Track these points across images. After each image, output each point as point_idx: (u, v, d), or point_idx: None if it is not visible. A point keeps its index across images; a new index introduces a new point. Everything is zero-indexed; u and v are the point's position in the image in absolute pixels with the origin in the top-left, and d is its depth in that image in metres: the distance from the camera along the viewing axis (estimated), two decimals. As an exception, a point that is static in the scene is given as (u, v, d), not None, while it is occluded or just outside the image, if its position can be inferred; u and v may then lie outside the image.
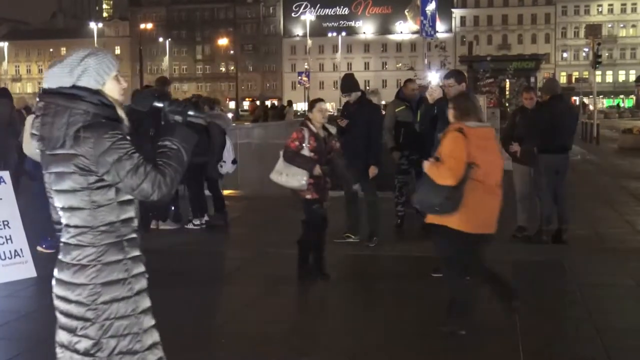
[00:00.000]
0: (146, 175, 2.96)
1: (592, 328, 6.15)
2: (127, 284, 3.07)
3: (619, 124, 48.25)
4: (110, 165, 2.93)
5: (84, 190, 3.00)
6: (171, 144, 3.09)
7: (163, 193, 3.00)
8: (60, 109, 2.98)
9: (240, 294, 7.69)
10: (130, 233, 3.12)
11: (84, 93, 3.00)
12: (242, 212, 12.45)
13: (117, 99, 3.13)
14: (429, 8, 21.52)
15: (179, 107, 3.19)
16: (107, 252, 3.04)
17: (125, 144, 2.96)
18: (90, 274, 3.03)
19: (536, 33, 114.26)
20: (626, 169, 19.68)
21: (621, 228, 10.87)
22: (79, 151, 2.94)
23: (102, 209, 3.03)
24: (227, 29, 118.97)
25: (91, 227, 3.04)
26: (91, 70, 3.04)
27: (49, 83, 3.07)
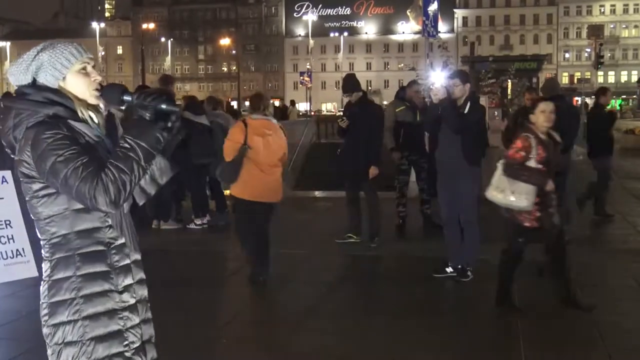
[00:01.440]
0: (82, 179, 2.53)
1: (594, 329, 6.14)
2: (74, 305, 2.68)
3: (620, 124, 48.20)
4: (46, 169, 2.58)
5: (31, 200, 2.71)
6: (124, 142, 2.64)
7: (104, 199, 2.54)
8: (6, 110, 2.71)
9: (242, 294, 7.70)
10: (91, 246, 2.72)
11: (30, 90, 2.71)
12: (244, 212, 12.43)
13: (84, 95, 2.77)
14: (431, 8, 21.49)
15: (145, 101, 2.71)
16: (56, 268, 2.71)
17: (63, 145, 2.57)
18: (44, 291, 2.74)
19: (538, 33, 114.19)
20: (628, 170, 19.65)
21: (623, 229, 10.86)
22: (22, 156, 2.65)
23: (51, 219, 2.70)
24: (229, 29, 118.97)
25: (45, 239, 2.74)
26: (46, 65, 2.73)
27: (12, 82, 2.82)
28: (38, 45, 2.79)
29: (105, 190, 2.54)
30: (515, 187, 6.43)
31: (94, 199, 2.54)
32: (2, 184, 8.16)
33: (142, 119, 2.70)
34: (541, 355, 5.57)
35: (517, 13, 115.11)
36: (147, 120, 2.69)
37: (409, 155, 10.33)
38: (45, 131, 2.59)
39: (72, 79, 2.76)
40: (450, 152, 7.56)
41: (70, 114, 2.71)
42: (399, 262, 8.95)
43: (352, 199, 9.71)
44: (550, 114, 6.68)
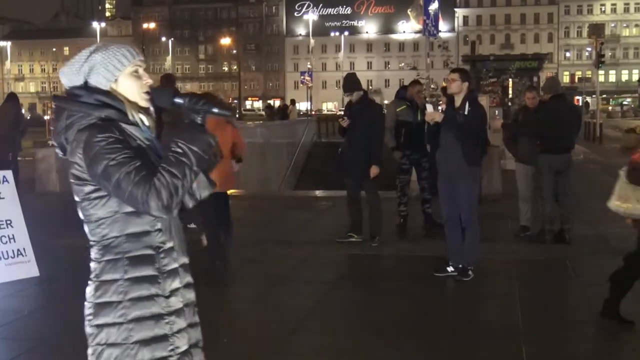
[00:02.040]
0: (135, 184, 2.51)
1: (595, 328, 6.14)
2: (120, 308, 2.66)
3: (621, 123, 48.16)
4: (98, 173, 2.56)
5: (83, 202, 2.68)
6: (176, 146, 2.61)
7: (157, 204, 2.53)
8: (59, 111, 2.69)
9: (242, 293, 7.70)
10: (139, 249, 2.69)
11: (82, 92, 2.68)
12: (245, 211, 12.45)
13: (135, 98, 2.75)
14: (432, 7, 21.50)
15: (197, 105, 2.70)
16: (104, 270, 2.69)
17: (115, 148, 2.55)
18: (90, 291, 2.74)
19: (539, 32, 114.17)
20: (629, 169, 19.63)
21: (624, 228, 10.81)
22: (73, 158, 2.63)
23: (103, 222, 2.68)
24: (230, 29, 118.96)
25: (97, 242, 2.71)
26: (99, 66, 2.70)
27: (64, 83, 2.77)
28: (91, 47, 2.78)
29: (158, 195, 2.52)
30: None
31: (146, 204, 2.53)
32: (3, 183, 8.16)
33: (194, 123, 2.70)
34: (543, 354, 5.57)
35: (518, 12, 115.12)
36: (199, 125, 2.70)
37: (410, 154, 10.34)
38: (98, 134, 2.57)
39: (124, 81, 2.74)
40: (450, 152, 7.56)
41: (122, 117, 2.69)
42: (400, 261, 8.95)
43: (353, 198, 9.71)
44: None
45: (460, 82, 7.61)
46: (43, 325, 6.48)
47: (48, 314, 6.90)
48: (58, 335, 6.15)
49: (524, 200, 10.03)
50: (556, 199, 9.48)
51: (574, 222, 9.69)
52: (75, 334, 6.13)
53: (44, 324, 6.52)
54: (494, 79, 22.63)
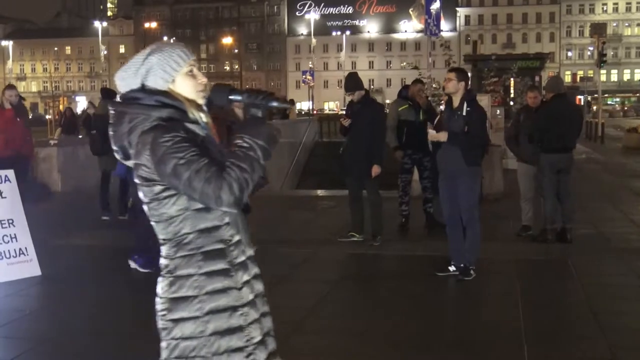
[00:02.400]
0: (206, 180, 2.58)
1: (597, 328, 6.14)
2: (197, 302, 2.72)
3: (623, 122, 48.15)
4: (168, 172, 2.61)
5: (152, 202, 2.74)
6: (242, 141, 2.69)
7: (229, 199, 2.59)
8: (120, 115, 2.74)
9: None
10: (211, 244, 2.75)
11: (142, 95, 2.74)
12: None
13: (192, 97, 2.80)
14: (434, 7, 21.49)
15: (257, 99, 2.77)
16: (179, 266, 2.74)
17: (182, 147, 2.60)
18: (164, 286, 2.77)
19: (541, 32, 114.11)
20: (631, 168, 19.65)
21: (626, 227, 10.85)
22: (140, 160, 2.68)
23: (174, 220, 2.73)
24: (232, 28, 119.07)
25: (168, 240, 2.77)
26: (156, 68, 2.76)
27: (120, 87, 2.82)
28: (145, 49, 2.83)
29: (230, 190, 2.59)
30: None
31: (219, 199, 2.59)
32: (5, 182, 8.17)
33: (256, 118, 2.76)
34: (543, 354, 5.57)
35: (520, 11, 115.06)
36: (261, 119, 2.76)
37: (411, 154, 10.33)
38: (164, 134, 2.62)
39: (180, 81, 2.80)
40: (450, 152, 7.56)
41: (183, 116, 2.74)
42: (401, 260, 8.94)
43: (354, 197, 9.71)
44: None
45: (456, 82, 7.61)
46: (44, 325, 6.48)
47: (49, 314, 6.90)
48: (59, 334, 6.16)
49: (525, 199, 10.04)
50: (558, 198, 9.47)
51: (575, 221, 9.69)
52: (77, 334, 6.15)
53: (46, 324, 6.52)
54: (496, 78, 22.63)
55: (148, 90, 2.75)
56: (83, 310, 6.91)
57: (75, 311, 6.88)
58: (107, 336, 6.10)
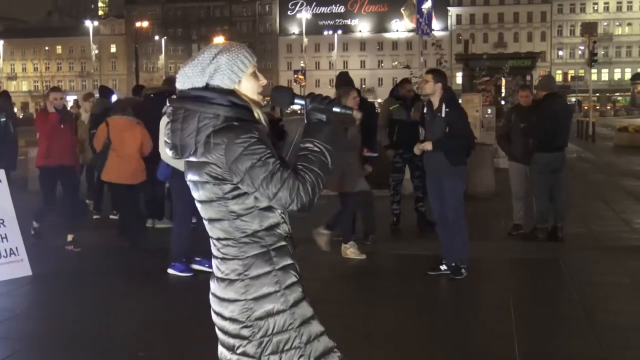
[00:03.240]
0: (283, 183, 2.62)
1: (588, 326, 6.15)
2: (280, 296, 2.75)
3: (614, 122, 48.30)
4: (243, 173, 2.63)
5: (219, 200, 2.74)
6: (313, 145, 2.73)
7: (303, 202, 2.64)
8: (188, 113, 2.72)
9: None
10: (278, 241, 2.80)
11: (213, 94, 2.73)
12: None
13: (254, 97, 2.83)
14: (425, 6, 21.50)
15: (321, 104, 2.80)
16: (253, 265, 2.75)
17: (259, 149, 2.63)
18: (239, 289, 2.76)
19: (532, 31, 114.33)
20: (622, 167, 19.71)
21: (617, 226, 10.89)
22: (210, 159, 2.68)
23: (242, 219, 2.75)
24: (223, 27, 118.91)
25: (233, 239, 2.77)
26: (224, 68, 2.77)
27: (181, 84, 2.82)
28: (212, 48, 2.84)
29: (305, 193, 2.65)
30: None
31: (292, 202, 2.64)
32: (-5, 182, 8.13)
33: (323, 122, 2.79)
34: (535, 352, 5.58)
35: (511, 11, 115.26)
36: (327, 123, 2.80)
37: (403, 153, 10.32)
38: (241, 135, 2.64)
39: (246, 82, 2.81)
40: (435, 152, 7.59)
41: (251, 117, 2.76)
42: (394, 259, 8.96)
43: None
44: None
45: (433, 83, 7.64)
46: (36, 325, 6.46)
47: (40, 314, 6.88)
48: (50, 334, 6.14)
49: (517, 198, 10.05)
50: (549, 197, 9.49)
51: (566, 220, 9.72)
52: (67, 334, 6.13)
53: (37, 324, 6.50)
54: (487, 77, 22.67)
55: (217, 90, 2.75)
56: (74, 310, 6.88)
57: (66, 311, 6.86)
58: (97, 336, 6.09)
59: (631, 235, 10.26)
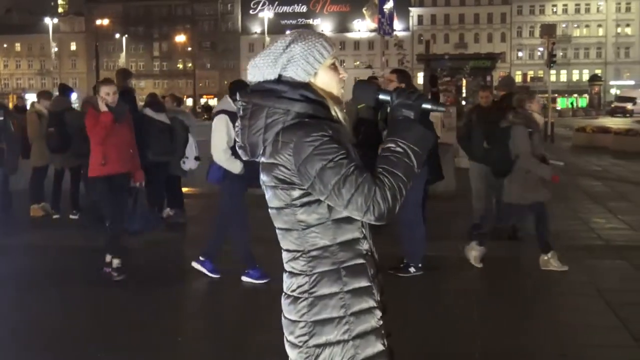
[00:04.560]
0: (357, 187, 2.30)
1: (548, 323, 6.25)
2: (343, 324, 2.42)
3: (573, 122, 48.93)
4: (313, 176, 2.33)
5: (288, 208, 2.44)
6: (396, 146, 2.42)
7: (381, 210, 2.32)
8: (256, 109, 2.45)
9: (200, 292, 7.69)
10: (354, 259, 2.46)
11: (284, 87, 2.44)
12: (201, 210, 12.41)
13: (333, 92, 2.52)
14: (387, 7, 21.60)
15: (409, 99, 2.49)
16: (319, 283, 2.44)
17: (331, 149, 2.33)
18: (301, 308, 2.46)
19: (492, 32, 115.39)
20: (580, 167, 20.00)
21: (575, 225, 11.05)
22: (278, 160, 2.39)
23: (312, 230, 2.44)
24: (185, 26, 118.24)
25: (302, 252, 2.47)
26: (298, 58, 2.46)
27: (252, 77, 2.56)
28: (285, 37, 2.54)
29: (383, 199, 2.34)
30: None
31: (370, 210, 2.33)
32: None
33: (409, 120, 2.48)
34: (495, 349, 5.65)
35: (472, 12, 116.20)
36: (414, 121, 2.48)
37: (367, 152, 10.32)
38: (311, 133, 2.35)
39: (323, 75, 2.52)
40: None
41: (326, 113, 2.46)
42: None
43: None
44: None
45: (397, 83, 7.72)
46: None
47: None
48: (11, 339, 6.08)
49: (477, 198, 10.14)
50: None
51: (526, 219, 9.83)
52: (29, 338, 6.07)
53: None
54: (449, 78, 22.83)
55: (289, 83, 2.46)
56: (35, 312, 6.82)
57: (27, 313, 6.79)
58: (59, 341, 6.04)
59: (589, 234, 10.43)
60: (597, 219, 11.47)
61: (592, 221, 11.33)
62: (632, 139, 24.61)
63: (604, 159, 22.25)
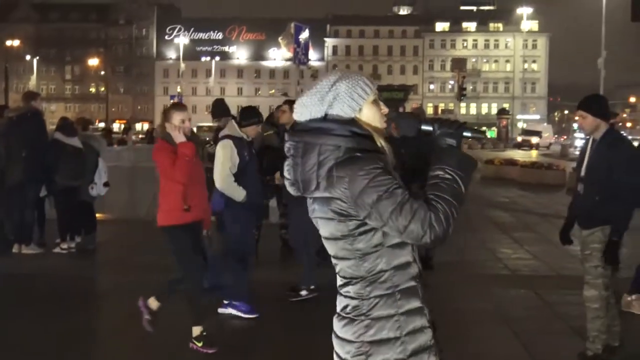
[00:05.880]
0: (413, 214, 2.46)
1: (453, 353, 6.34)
2: (399, 344, 2.58)
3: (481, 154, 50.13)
4: (370, 206, 2.49)
5: (345, 238, 2.60)
6: (444, 173, 2.58)
7: (437, 234, 2.49)
8: (308, 147, 2.60)
9: (106, 319, 7.55)
10: (407, 281, 2.64)
11: (333, 125, 2.59)
12: (112, 235, 12.19)
13: (377, 126, 2.68)
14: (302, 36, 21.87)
15: (451, 128, 2.68)
16: (376, 306, 2.59)
17: (385, 180, 2.49)
18: (358, 330, 2.60)
19: (405, 64, 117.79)
20: (488, 198, 20.46)
21: (483, 255, 11.31)
22: (334, 194, 2.54)
23: (368, 257, 2.60)
24: (98, 50, 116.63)
25: (359, 277, 2.62)
26: (344, 96, 2.62)
27: (299, 115, 2.68)
28: (329, 76, 2.69)
29: (438, 224, 2.49)
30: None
31: (426, 235, 2.48)
32: None
33: (454, 148, 2.65)
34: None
35: (385, 44, 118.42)
36: (457, 149, 2.66)
37: (270, 179, 10.31)
38: (364, 167, 2.49)
39: (367, 110, 2.66)
40: None
41: (373, 146, 2.61)
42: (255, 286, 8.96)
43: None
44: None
45: (289, 114, 7.83)
46: None
47: None
48: None
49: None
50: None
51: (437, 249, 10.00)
52: None
53: None
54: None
55: (336, 120, 2.61)
56: None
57: None
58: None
59: (496, 264, 10.68)
60: (504, 249, 11.75)
61: (499, 251, 11.61)
62: (537, 171, 25.36)
63: (511, 190, 22.85)
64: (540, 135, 70.50)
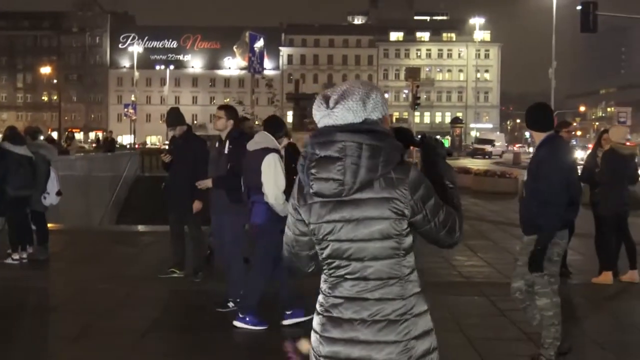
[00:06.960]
0: (454, 220, 2.81)
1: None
2: (432, 333, 2.87)
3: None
4: (424, 207, 2.73)
5: (397, 237, 2.74)
6: (450, 183, 2.92)
7: (462, 233, 2.85)
8: (373, 149, 2.68)
9: (58, 331, 7.45)
10: (420, 281, 2.88)
11: (386, 129, 2.79)
12: (64, 246, 12.05)
13: None
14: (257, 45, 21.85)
15: (437, 143, 3.00)
16: (416, 304, 2.80)
17: (430, 184, 2.78)
18: (402, 329, 2.74)
19: (360, 74, 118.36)
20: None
21: (437, 263, 11.38)
22: (393, 194, 2.69)
23: (407, 256, 2.79)
24: (51, 58, 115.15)
25: (399, 278, 2.77)
26: (380, 103, 2.80)
27: (342, 119, 2.73)
28: (364, 84, 2.82)
29: (461, 225, 2.84)
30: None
31: (458, 237, 2.83)
32: None
33: (444, 161, 2.95)
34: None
35: (340, 53, 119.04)
36: (445, 161, 2.96)
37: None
38: (418, 171, 2.75)
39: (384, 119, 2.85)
40: (216, 189, 7.96)
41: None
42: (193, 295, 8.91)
43: (176, 233, 9.62)
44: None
45: (225, 120, 7.89)
46: None
47: None
48: None
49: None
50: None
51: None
52: None
53: None
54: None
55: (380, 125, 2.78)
56: None
57: None
58: None
59: (450, 271, 10.76)
60: (457, 257, 11.84)
61: (453, 258, 11.70)
62: (490, 179, 25.63)
63: (464, 198, 23.05)
64: (494, 144, 71.31)
